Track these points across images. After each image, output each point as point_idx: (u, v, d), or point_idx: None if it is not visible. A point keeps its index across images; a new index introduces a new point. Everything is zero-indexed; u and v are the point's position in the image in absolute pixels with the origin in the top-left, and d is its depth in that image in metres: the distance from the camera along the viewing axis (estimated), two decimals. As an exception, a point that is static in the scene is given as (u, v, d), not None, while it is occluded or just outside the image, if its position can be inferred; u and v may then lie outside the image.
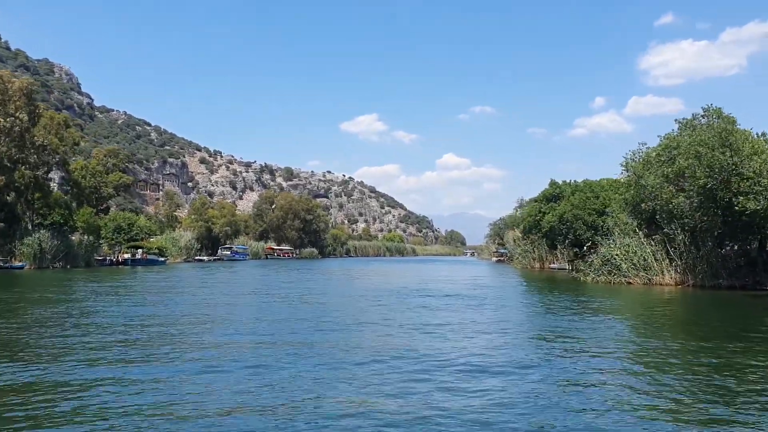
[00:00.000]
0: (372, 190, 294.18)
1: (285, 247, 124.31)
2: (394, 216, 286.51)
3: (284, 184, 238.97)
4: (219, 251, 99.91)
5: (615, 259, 35.22)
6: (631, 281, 34.02)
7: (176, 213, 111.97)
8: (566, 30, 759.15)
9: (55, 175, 74.76)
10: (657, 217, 33.45)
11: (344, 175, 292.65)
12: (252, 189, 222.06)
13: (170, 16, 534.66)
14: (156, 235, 79.18)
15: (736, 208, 26.32)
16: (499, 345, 13.54)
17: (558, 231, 53.68)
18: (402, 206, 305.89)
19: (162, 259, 71.43)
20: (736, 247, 31.54)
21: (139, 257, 65.88)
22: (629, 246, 34.84)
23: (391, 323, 16.89)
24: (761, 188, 25.69)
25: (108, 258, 65.30)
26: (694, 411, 8.17)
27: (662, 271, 33.07)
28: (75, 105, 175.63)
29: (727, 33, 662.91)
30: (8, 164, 54.72)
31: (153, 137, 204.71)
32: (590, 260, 39.11)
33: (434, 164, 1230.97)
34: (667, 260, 32.98)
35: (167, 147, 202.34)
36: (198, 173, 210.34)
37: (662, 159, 32.64)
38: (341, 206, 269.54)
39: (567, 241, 53.52)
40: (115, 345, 13.01)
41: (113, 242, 68.17)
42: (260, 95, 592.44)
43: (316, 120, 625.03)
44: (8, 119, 53.17)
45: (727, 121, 29.38)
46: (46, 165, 60.32)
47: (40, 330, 15.06)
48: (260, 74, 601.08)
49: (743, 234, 29.84)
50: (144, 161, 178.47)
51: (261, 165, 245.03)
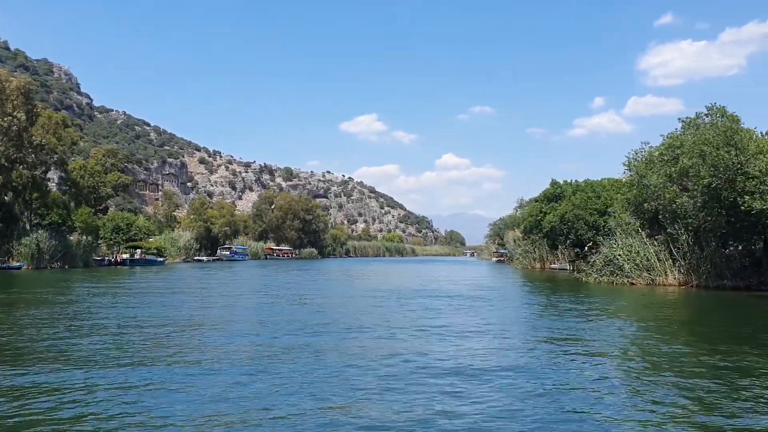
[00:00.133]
0: (371, 190, 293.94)
1: (284, 248, 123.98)
2: (394, 216, 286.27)
3: (284, 184, 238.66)
4: (218, 251, 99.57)
5: (618, 260, 34.88)
6: (634, 282, 33.68)
7: (175, 213, 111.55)
8: (566, 30, 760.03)
9: (54, 175, 74.33)
10: (660, 217, 33.14)
11: (344, 176, 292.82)
12: (251, 189, 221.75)
13: (170, 16, 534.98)
14: (155, 236, 78.81)
15: (742, 208, 25.99)
16: (504, 347, 13.19)
17: (559, 231, 53.42)
18: (401, 206, 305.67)
19: (161, 260, 71.08)
20: (741, 248, 31.20)
21: (138, 257, 65.55)
22: (632, 246, 34.52)
23: (392, 326, 16.50)
24: (767, 188, 25.37)
25: (106, 258, 65.04)
26: (717, 417, 7.85)
27: (665, 272, 32.74)
28: (74, 105, 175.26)
29: (727, 33, 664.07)
30: (6, 164, 54.42)
31: (152, 137, 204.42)
32: (592, 260, 38.78)
33: (434, 164, 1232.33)
34: (671, 260, 32.67)
35: (166, 147, 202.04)
36: (197, 173, 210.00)
37: (665, 158, 32.32)
38: (341, 206, 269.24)
39: (568, 241, 53.30)
40: (107, 349, 12.66)
41: (112, 242, 67.87)
42: (260, 95, 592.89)
43: (316, 120, 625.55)
44: (6, 118, 52.83)
45: (731, 120, 29.07)
46: (44, 165, 59.99)
47: (32, 331, 14.72)
48: (260, 74, 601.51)
49: (747, 234, 29.52)
50: (143, 161, 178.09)
51: (260, 165, 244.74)
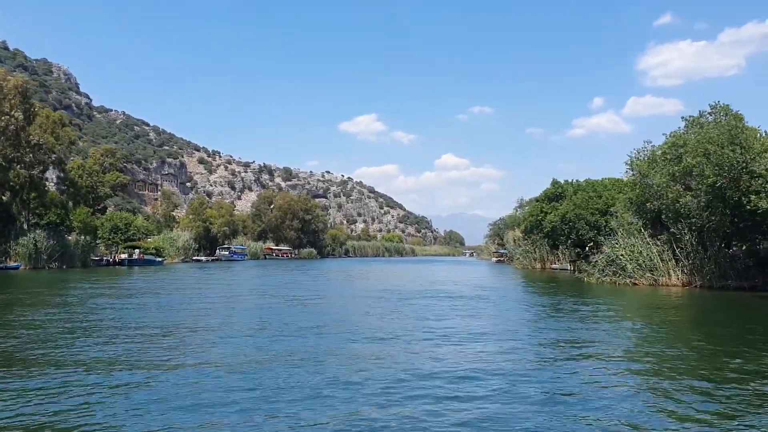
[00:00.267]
0: (371, 190, 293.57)
1: (283, 248, 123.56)
2: (393, 216, 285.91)
3: (283, 184, 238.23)
4: (217, 251, 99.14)
5: (620, 260, 34.57)
6: (637, 282, 33.37)
7: (174, 213, 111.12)
8: (565, 30, 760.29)
9: (52, 175, 73.97)
10: (663, 217, 32.83)
11: (343, 176, 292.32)
12: (250, 189, 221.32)
13: (169, 16, 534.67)
14: (153, 236, 78.41)
15: (747, 207, 25.67)
16: (512, 351, 12.77)
17: (560, 231, 53.11)
18: (401, 206, 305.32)
19: (159, 260, 70.67)
20: (745, 248, 30.87)
21: (136, 258, 65.15)
22: (634, 246, 34.21)
23: (395, 328, 16.11)
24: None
25: (105, 258, 64.69)
26: (743, 427, 7.52)
27: (668, 272, 32.43)
28: (73, 105, 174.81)
29: (726, 33, 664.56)
30: (3, 163, 54.00)
31: (151, 137, 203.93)
32: (594, 261, 38.47)
33: (433, 164, 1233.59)
34: (673, 261, 32.36)
35: (166, 147, 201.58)
36: (196, 173, 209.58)
37: (668, 157, 32.02)
38: (340, 206, 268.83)
39: (569, 241, 52.98)
40: (99, 352, 12.32)
41: (110, 242, 67.45)
42: (259, 95, 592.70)
43: (315, 120, 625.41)
44: (3, 118, 52.43)
45: (735, 118, 28.75)
46: (42, 164, 59.55)
47: (23, 333, 14.39)
48: (259, 74, 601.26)
49: (752, 234, 29.19)
50: (142, 161, 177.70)
51: (259, 165, 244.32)
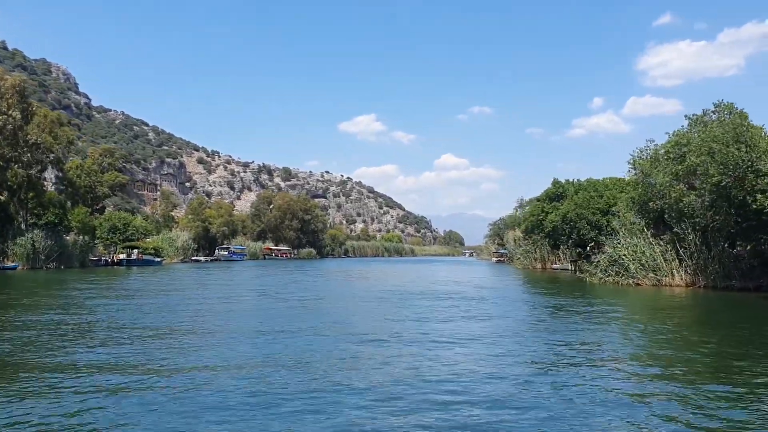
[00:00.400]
0: (370, 190, 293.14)
1: (283, 248, 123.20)
2: (393, 216, 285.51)
3: (282, 185, 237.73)
4: (216, 251, 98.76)
5: (623, 260, 34.23)
6: (640, 282, 33.03)
7: (173, 213, 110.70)
8: (565, 30, 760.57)
9: (51, 175, 73.56)
10: (666, 216, 32.50)
11: (342, 176, 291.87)
12: (250, 189, 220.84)
13: (169, 16, 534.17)
14: (152, 236, 78.04)
15: (753, 207, 25.32)
16: (518, 354, 12.41)
17: (561, 231, 52.81)
18: (400, 206, 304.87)
19: (158, 260, 70.30)
20: (749, 248, 30.53)
21: (135, 258, 64.81)
22: (637, 246, 33.87)
23: (397, 332, 15.47)
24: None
25: (103, 258, 64.34)
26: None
27: (672, 272, 32.11)
28: (72, 105, 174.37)
29: (725, 33, 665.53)
30: (1, 163, 53.63)
31: (151, 137, 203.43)
32: (596, 261, 38.12)
33: (432, 164, 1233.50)
34: (677, 261, 32.03)
35: (165, 147, 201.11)
36: (196, 173, 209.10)
37: (671, 156, 31.71)
38: (339, 206, 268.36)
39: (570, 241, 52.66)
40: (92, 357, 11.98)
41: (108, 242, 67.08)
42: (259, 95, 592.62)
43: (315, 120, 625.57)
44: (0, 117, 52.07)
45: (740, 116, 28.42)
46: (40, 164, 59.13)
47: (12, 336, 14.03)
48: (259, 74, 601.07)
49: (756, 233, 28.83)
50: (142, 161, 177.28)
51: (259, 165, 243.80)
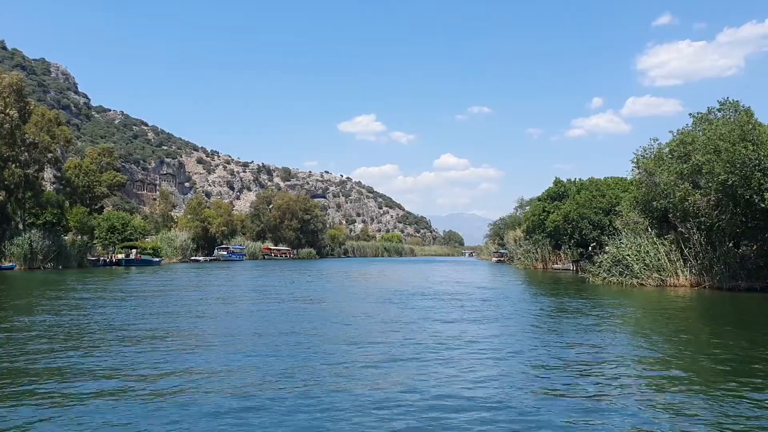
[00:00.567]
0: (370, 190, 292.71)
1: (282, 248, 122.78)
2: (392, 216, 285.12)
3: (282, 184, 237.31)
4: (215, 251, 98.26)
5: (626, 260, 33.79)
6: (644, 283, 32.59)
7: (172, 213, 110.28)
8: (564, 30, 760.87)
9: (49, 174, 72.99)
10: (670, 216, 32.08)
11: (342, 176, 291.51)
12: (249, 189, 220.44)
13: (169, 16, 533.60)
14: (151, 235, 77.61)
15: (762, 206, 24.91)
16: (531, 360, 11.87)
17: (563, 230, 52.37)
18: (400, 206, 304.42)
19: (157, 260, 69.86)
20: (755, 247, 30.10)
21: (133, 258, 64.40)
22: (641, 246, 33.44)
23: (401, 338, 14.68)
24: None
25: (101, 258, 63.90)
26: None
27: (676, 272, 31.68)
28: (71, 105, 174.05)
29: (725, 33, 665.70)
30: (-2, 162, 53.25)
31: (150, 137, 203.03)
32: (599, 261, 37.64)
33: (432, 164, 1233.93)
34: (681, 261, 31.60)
35: (164, 147, 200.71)
36: (195, 173, 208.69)
37: (676, 155, 31.29)
38: (339, 206, 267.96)
39: (572, 241, 52.20)
40: (78, 362, 11.56)
41: (107, 242, 66.62)
42: (259, 95, 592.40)
43: (314, 120, 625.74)
44: (-3, 116, 51.71)
45: (747, 114, 28.00)
46: (38, 163, 58.73)
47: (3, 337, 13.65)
48: (259, 74, 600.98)
49: (762, 233, 28.43)
50: (141, 161, 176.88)
51: (258, 165, 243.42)
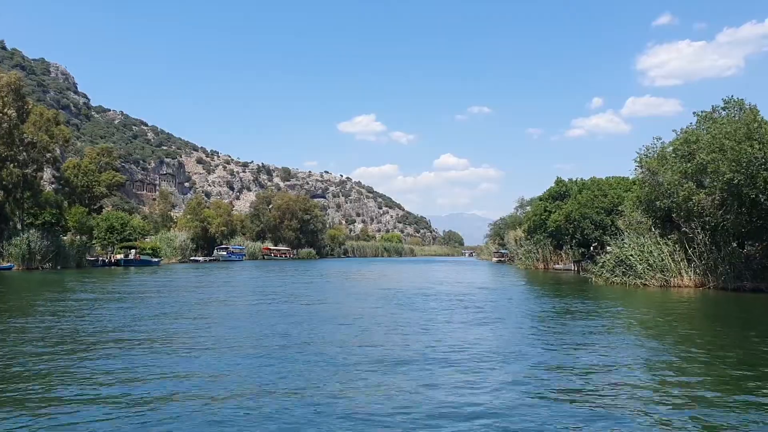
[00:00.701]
0: (370, 191, 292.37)
1: (282, 248, 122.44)
2: (392, 216, 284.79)
3: (281, 185, 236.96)
4: (215, 251, 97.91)
5: (629, 260, 33.47)
6: (647, 283, 32.26)
7: (172, 213, 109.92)
8: (564, 30, 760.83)
9: (47, 174, 72.68)
10: (673, 216, 31.76)
11: (342, 176, 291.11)
12: (249, 189, 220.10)
13: (169, 16, 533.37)
14: (150, 236, 77.25)
15: (767, 205, 24.59)
16: (540, 365, 11.45)
17: (564, 230, 52.04)
18: (400, 206, 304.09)
19: (156, 260, 69.50)
20: (760, 247, 29.78)
21: (132, 258, 64.07)
22: (644, 246, 33.11)
23: (403, 343, 14.02)
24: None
25: (100, 259, 63.55)
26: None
27: (680, 273, 31.35)
28: (71, 105, 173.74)
29: (724, 33, 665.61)
30: (-4, 162, 52.92)
31: (150, 137, 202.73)
32: (602, 261, 37.30)
33: (432, 164, 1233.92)
34: (685, 261, 31.27)
35: (164, 147, 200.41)
36: (195, 173, 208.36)
37: (679, 154, 30.98)
38: (339, 206, 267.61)
39: (574, 241, 51.86)
40: (70, 365, 11.23)
41: (106, 242, 66.27)
42: (259, 95, 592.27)
43: (314, 120, 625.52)
44: (-4, 115, 51.38)
45: (752, 112, 27.68)
46: (36, 163, 58.37)
47: None
48: (259, 74, 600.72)
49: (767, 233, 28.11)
50: (141, 161, 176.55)
51: (258, 165, 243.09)
